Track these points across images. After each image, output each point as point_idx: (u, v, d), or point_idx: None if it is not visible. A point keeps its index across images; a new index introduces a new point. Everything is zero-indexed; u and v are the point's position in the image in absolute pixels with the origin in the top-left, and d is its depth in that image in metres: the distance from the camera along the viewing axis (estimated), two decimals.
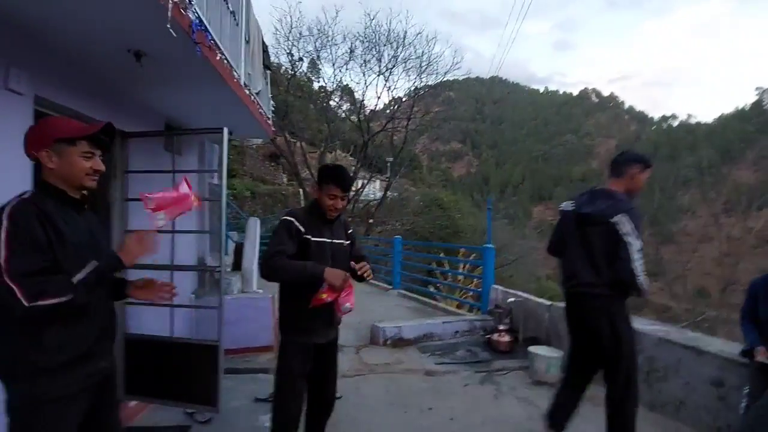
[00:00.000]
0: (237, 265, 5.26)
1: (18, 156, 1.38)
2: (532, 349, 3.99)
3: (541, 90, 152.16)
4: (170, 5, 1.71)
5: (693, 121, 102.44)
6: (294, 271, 1.87)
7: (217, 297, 2.80)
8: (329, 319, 2.05)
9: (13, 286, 1.16)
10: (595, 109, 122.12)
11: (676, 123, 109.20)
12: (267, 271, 1.92)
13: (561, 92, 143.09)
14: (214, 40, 2.36)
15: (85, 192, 1.41)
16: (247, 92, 3.27)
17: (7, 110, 1.85)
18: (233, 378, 3.51)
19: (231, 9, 2.87)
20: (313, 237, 1.97)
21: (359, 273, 1.98)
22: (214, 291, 4.56)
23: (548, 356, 3.81)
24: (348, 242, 2.14)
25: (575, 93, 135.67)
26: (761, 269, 2.07)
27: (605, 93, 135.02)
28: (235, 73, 2.88)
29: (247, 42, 3.33)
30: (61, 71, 2.22)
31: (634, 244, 2.15)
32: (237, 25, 3.02)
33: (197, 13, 2.00)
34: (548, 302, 4.65)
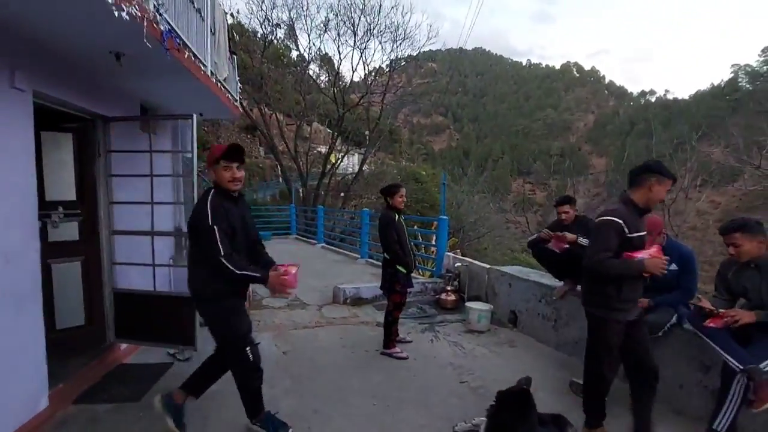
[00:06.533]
0: None
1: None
2: (468, 304, 4.70)
3: (524, 63, 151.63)
4: (145, 23, 2.16)
5: (670, 96, 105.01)
6: (621, 267, 2.21)
7: None
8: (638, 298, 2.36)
9: (217, 240, 2.05)
10: (576, 84, 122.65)
11: (653, 98, 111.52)
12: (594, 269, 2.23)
13: (543, 65, 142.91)
14: (183, 42, 2.79)
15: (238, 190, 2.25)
16: (214, 80, 3.69)
17: (11, 104, 2.28)
18: (204, 330, 4.09)
19: (197, 7, 3.26)
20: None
21: None
22: None
23: (479, 309, 4.51)
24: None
25: (557, 66, 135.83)
26: (721, 243, 2.47)
27: (587, 67, 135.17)
28: (202, 66, 3.30)
29: (213, 33, 3.71)
30: (54, 70, 2.61)
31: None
32: (203, 20, 3.40)
33: (169, 23, 2.44)
34: (487, 266, 5.35)
